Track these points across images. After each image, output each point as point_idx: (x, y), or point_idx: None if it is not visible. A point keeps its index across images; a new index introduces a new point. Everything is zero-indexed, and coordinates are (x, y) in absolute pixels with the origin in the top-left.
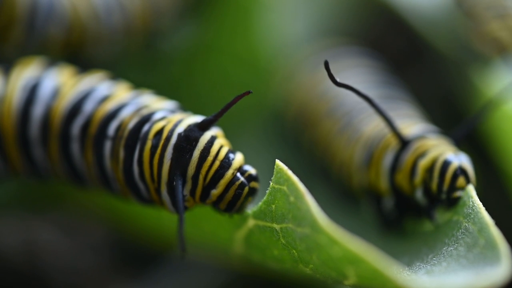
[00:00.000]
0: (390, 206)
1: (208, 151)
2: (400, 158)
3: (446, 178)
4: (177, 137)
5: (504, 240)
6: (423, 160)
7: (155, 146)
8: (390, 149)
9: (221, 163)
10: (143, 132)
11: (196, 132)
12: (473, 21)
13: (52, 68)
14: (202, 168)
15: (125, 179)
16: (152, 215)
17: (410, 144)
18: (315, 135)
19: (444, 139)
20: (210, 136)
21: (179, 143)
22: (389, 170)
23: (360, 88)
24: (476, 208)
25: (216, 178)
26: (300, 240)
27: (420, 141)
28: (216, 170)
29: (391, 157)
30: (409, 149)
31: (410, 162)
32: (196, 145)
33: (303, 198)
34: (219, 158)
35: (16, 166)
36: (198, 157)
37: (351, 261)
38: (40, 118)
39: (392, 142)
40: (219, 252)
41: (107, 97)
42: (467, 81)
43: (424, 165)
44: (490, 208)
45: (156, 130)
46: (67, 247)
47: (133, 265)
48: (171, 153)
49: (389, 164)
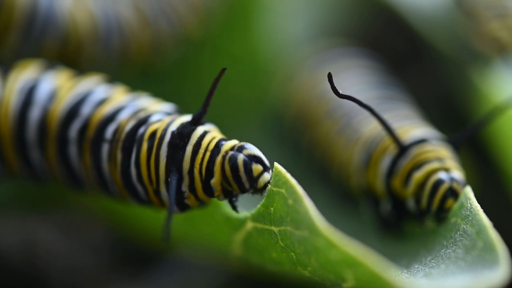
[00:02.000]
0: (388, 208)
1: (200, 145)
2: (397, 163)
3: (435, 200)
4: (170, 135)
5: (503, 243)
6: (417, 173)
7: (150, 147)
8: (388, 153)
9: (211, 153)
10: (139, 134)
11: (188, 128)
12: (473, 20)
13: (49, 71)
14: (196, 161)
15: (123, 182)
16: (150, 215)
17: (408, 151)
18: (314, 136)
19: (443, 146)
20: (202, 131)
21: (173, 140)
22: (386, 174)
23: (360, 89)
24: (474, 210)
25: (210, 168)
26: (299, 243)
27: (418, 149)
28: (208, 160)
29: (388, 161)
30: (407, 156)
31: (406, 170)
32: (189, 141)
33: (301, 201)
34: (209, 148)
35: (13, 168)
36: (191, 151)
37: (349, 264)
38: (37, 121)
39: (391, 145)
40: (218, 254)
41: (104, 100)
42: (467, 81)
43: (417, 179)
44: (489, 209)
45: (151, 132)
46: (66, 246)
47: (132, 265)
48: (166, 150)
49: (386, 168)
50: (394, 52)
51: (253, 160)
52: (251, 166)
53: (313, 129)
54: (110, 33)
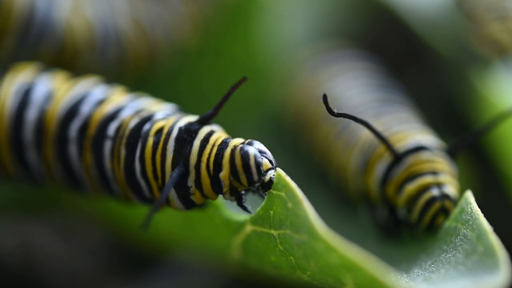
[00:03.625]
0: (384, 214)
1: (207, 140)
2: (391, 171)
3: (426, 217)
4: (178, 130)
5: (503, 247)
6: (410, 186)
7: (156, 143)
8: (383, 159)
9: (219, 147)
10: (144, 130)
11: (196, 125)
12: (474, 22)
13: (45, 73)
14: (203, 156)
15: (127, 178)
16: None
17: (403, 159)
18: (313, 139)
19: (439, 155)
20: (209, 129)
21: (180, 135)
22: (380, 180)
23: (359, 92)
24: (474, 214)
25: (219, 162)
26: (298, 246)
27: (413, 158)
28: (216, 154)
29: (383, 168)
30: (401, 165)
31: (399, 180)
32: (196, 136)
33: (301, 204)
34: (216, 144)
35: (9, 170)
36: (199, 146)
37: (349, 269)
38: (34, 122)
39: (386, 152)
40: (216, 257)
41: (104, 100)
42: (467, 83)
43: (409, 192)
44: (490, 214)
45: (157, 128)
46: (63, 249)
47: (130, 268)
48: (173, 145)
49: (381, 175)
50: (393, 54)
51: (263, 154)
52: (261, 159)
53: (312, 131)
54: (107, 43)
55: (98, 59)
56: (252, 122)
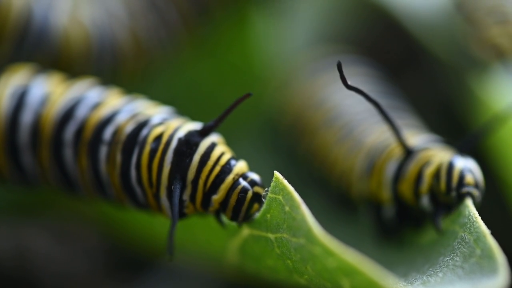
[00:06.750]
0: (390, 215)
1: (209, 156)
2: (404, 167)
3: (454, 175)
4: (177, 142)
5: (501, 250)
6: (429, 168)
7: (154, 150)
8: (393, 159)
9: (222, 168)
10: (141, 137)
11: (196, 137)
12: (473, 26)
13: (40, 75)
14: (202, 172)
15: (122, 184)
16: (144, 221)
17: (414, 154)
18: (312, 144)
19: (448, 149)
20: (210, 142)
21: (180, 147)
22: (392, 179)
23: (359, 99)
24: (472, 217)
25: (217, 183)
26: (295, 250)
27: (425, 152)
28: (216, 175)
29: (394, 166)
30: (413, 158)
31: (414, 171)
32: (197, 150)
33: (298, 208)
34: (220, 163)
35: (4, 173)
36: (199, 161)
37: (346, 272)
38: (29, 125)
39: (396, 153)
40: (213, 261)
41: (99, 103)
42: (465, 87)
43: (430, 172)
44: (488, 217)
45: (156, 135)
46: (59, 252)
47: (126, 271)
48: (171, 157)
49: (392, 174)
50: (392, 58)
51: (257, 199)
52: (254, 203)
53: (311, 137)
54: (103, 52)
55: (93, 67)
56: (248, 127)
